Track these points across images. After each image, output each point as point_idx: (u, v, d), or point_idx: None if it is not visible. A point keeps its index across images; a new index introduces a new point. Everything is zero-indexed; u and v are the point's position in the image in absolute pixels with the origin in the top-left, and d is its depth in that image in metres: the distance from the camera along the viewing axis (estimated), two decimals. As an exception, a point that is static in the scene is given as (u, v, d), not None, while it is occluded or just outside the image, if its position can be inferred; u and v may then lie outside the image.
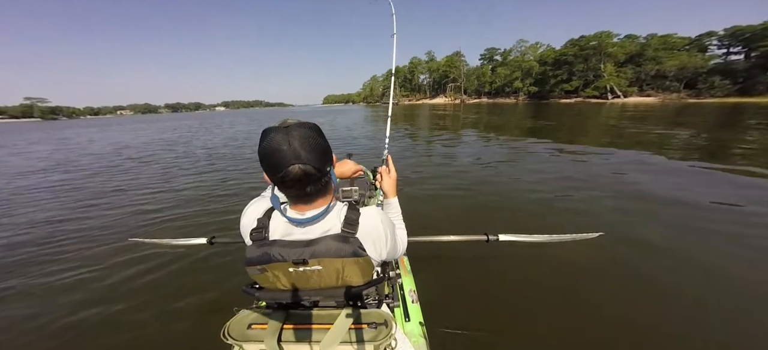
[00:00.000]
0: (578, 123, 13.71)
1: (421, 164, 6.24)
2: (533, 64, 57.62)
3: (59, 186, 5.54)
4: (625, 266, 2.25)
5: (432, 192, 4.25)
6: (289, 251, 0.69)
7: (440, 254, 2.33)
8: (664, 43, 43.94)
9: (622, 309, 1.81)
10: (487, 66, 69.91)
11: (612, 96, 46.27)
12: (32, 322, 1.89)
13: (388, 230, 0.78)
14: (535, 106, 36.04)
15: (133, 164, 7.57)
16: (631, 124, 12.43)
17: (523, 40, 61.65)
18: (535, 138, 9.15)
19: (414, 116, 22.66)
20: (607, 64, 47.27)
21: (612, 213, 3.25)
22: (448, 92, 73.76)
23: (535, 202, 3.70)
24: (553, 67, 54.71)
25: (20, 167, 8.10)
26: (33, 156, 10.23)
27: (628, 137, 8.69)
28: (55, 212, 4.00)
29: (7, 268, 2.59)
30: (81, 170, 7.11)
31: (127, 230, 3.25)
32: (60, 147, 12.37)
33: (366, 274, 0.75)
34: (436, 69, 77.72)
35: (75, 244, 2.97)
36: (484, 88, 68.82)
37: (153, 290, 2.15)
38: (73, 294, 2.16)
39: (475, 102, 61.04)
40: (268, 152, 0.61)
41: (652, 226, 2.90)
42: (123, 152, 10.04)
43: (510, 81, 62.62)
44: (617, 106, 30.25)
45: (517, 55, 62.46)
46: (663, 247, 2.50)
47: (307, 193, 0.68)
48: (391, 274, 1.09)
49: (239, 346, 0.74)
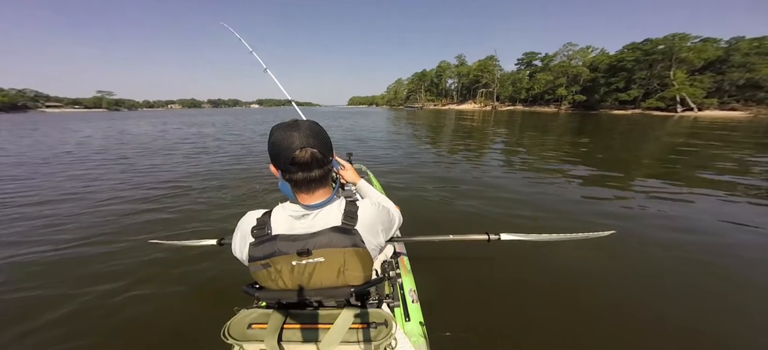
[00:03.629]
0: (638, 144, 9.99)
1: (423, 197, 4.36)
2: (582, 70, 50.74)
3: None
4: (631, 267, 2.21)
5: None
6: (292, 243, 0.71)
7: (440, 255, 2.29)
8: (757, 47, 35.38)
9: (628, 314, 1.76)
10: (524, 71, 63.76)
11: (682, 108, 38.47)
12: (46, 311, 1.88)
13: (381, 208, 0.84)
14: (581, 117, 30.90)
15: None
16: (708, 144, 8.90)
17: (570, 44, 54.85)
18: (585, 165, 6.03)
19: (435, 124, 20.49)
20: (678, 72, 39.52)
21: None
22: (479, 97, 68.53)
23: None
24: (607, 74, 47.61)
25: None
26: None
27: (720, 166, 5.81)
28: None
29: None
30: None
31: (151, 232, 3.02)
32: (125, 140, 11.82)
33: (366, 268, 0.76)
34: (466, 73, 72.81)
35: (101, 238, 2.92)
36: (520, 94, 62.67)
37: (157, 289, 2.08)
38: (75, 288, 2.11)
39: (508, 109, 55.71)
40: (280, 140, 0.70)
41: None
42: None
43: (552, 88, 56.20)
44: (688, 120, 24.61)
45: (563, 59, 55.85)
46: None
47: (313, 178, 0.73)
48: (391, 274, 1.10)
49: (239, 346, 0.74)
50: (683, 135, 11.88)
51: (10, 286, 2.15)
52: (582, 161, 6.61)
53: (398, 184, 4.66)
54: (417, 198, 3.96)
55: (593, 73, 49.51)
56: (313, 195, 0.76)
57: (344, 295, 0.76)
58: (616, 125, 18.72)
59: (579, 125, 19.38)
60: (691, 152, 7.78)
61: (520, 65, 66.03)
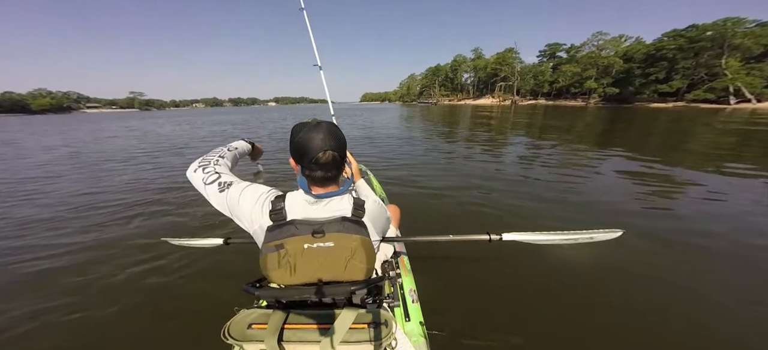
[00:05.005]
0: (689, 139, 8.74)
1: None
2: (614, 60, 46.22)
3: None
4: (640, 268, 2.14)
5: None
6: (307, 226, 0.74)
7: (440, 254, 2.28)
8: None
9: (635, 316, 1.70)
10: (547, 63, 59.41)
11: (736, 100, 33.71)
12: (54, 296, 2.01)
13: (383, 208, 0.88)
14: (613, 110, 27.93)
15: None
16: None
17: (601, 33, 50.34)
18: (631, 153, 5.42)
19: (452, 118, 20.08)
20: (731, 60, 34.67)
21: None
22: (497, 91, 64.71)
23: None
24: (643, 65, 43.03)
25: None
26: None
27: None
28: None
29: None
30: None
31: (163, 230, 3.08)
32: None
33: (370, 261, 0.77)
34: (483, 67, 68.81)
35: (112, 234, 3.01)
36: (543, 88, 58.51)
37: (159, 288, 2.09)
38: (77, 286, 2.14)
39: (529, 104, 51.93)
40: (305, 141, 0.74)
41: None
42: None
43: (579, 81, 51.89)
44: (743, 112, 21.42)
45: (592, 49, 51.39)
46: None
47: (330, 177, 0.79)
48: (391, 274, 1.08)
49: (239, 346, 0.75)
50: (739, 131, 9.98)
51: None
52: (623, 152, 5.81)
53: (399, 183, 4.44)
54: (418, 198, 3.80)
55: (627, 63, 45.00)
56: (326, 188, 0.81)
57: (344, 293, 0.76)
58: (657, 119, 16.41)
59: (612, 118, 17.19)
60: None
61: (542, 57, 61.91)
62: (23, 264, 2.45)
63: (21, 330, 1.74)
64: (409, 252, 1.69)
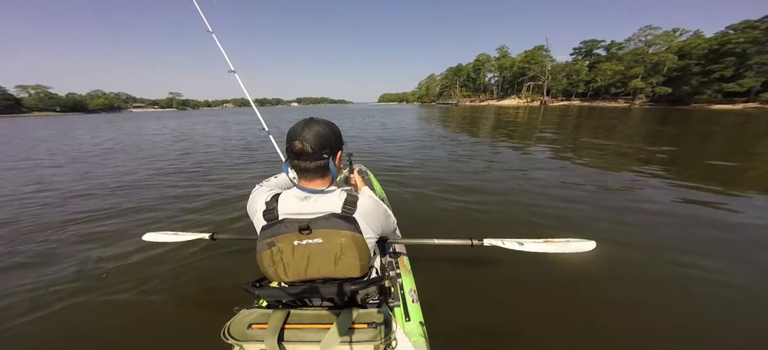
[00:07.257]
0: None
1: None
2: (667, 56, 40.36)
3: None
4: (623, 272, 2.10)
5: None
6: (295, 222, 0.77)
7: (441, 255, 2.23)
8: None
9: (621, 318, 1.69)
10: (582, 61, 53.93)
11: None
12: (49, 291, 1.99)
13: (381, 207, 0.88)
14: (663, 112, 23.87)
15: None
16: None
17: (650, 27, 44.45)
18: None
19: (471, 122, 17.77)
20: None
21: None
22: (524, 91, 59.69)
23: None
24: (703, 62, 37.02)
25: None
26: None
27: None
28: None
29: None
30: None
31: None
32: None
33: (363, 257, 0.79)
34: (508, 66, 64.05)
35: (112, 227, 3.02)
36: (577, 88, 53.14)
37: (157, 289, 2.01)
38: (67, 284, 2.09)
39: (561, 104, 47.17)
40: (289, 132, 0.81)
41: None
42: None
43: (622, 80, 46.22)
44: None
45: (639, 45, 45.54)
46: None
47: (309, 168, 0.81)
48: (391, 274, 1.10)
49: (239, 346, 0.76)
50: None
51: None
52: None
53: (399, 181, 4.39)
54: (419, 197, 3.72)
55: (682, 60, 39.07)
56: (311, 182, 0.83)
57: (344, 292, 0.78)
58: (721, 124, 13.48)
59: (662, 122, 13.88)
60: None
61: (576, 55, 56.43)
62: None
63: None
64: (409, 252, 1.69)
